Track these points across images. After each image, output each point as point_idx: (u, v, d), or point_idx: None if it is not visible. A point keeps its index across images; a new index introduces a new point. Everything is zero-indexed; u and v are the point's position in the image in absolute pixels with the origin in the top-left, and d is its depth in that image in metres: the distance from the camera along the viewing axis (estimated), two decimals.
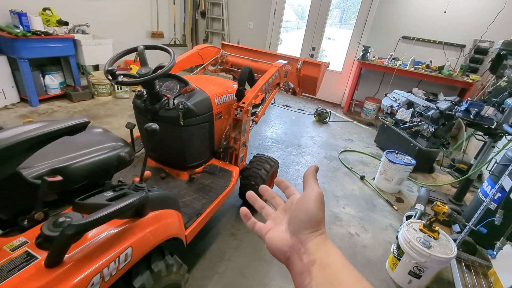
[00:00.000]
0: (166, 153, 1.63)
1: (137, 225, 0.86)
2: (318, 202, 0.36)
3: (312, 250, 0.34)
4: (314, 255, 0.33)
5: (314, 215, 0.36)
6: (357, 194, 2.60)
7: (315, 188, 0.38)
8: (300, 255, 0.34)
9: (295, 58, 2.65)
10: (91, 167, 0.87)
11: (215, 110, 1.60)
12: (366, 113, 4.78)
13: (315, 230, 0.35)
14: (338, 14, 8.74)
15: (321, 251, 0.33)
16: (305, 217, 0.36)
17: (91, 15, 4.13)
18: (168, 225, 0.99)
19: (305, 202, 0.37)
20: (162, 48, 1.37)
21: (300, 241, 0.35)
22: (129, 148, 1.05)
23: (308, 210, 0.36)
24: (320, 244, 0.34)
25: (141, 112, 1.48)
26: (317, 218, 0.36)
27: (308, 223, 0.36)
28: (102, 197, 0.84)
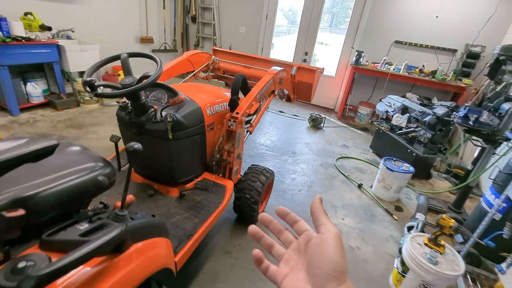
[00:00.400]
0: (154, 169, 1.51)
1: (118, 261, 0.74)
2: (339, 248, 0.33)
3: None
4: None
5: (337, 265, 0.32)
6: (356, 204, 2.52)
7: (331, 229, 0.34)
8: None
9: (289, 64, 2.57)
10: (62, 194, 0.75)
11: (207, 121, 1.49)
12: (360, 118, 4.74)
13: (340, 283, 0.31)
14: (328, 19, 8.82)
15: None
16: (328, 268, 0.32)
17: (77, 20, 3.98)
18: (154, 256, 0.87)
19: (324, 249, 0.33)
20: (148, 56, 1.26)
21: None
22: (110, 169, 0.93)
23: (330, 259, 0.32)
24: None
25: (125, 125, 1.36)
26: (341, 267, 0.32)
27: (333, 275, 0.31)
28: (75, 230, 0.71)
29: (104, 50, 4.40)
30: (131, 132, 1.33)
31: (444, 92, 4.31)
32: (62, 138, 2.86)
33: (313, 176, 2.88)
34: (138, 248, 0.80)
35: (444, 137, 2.88)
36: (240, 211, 1.92)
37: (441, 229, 1.55)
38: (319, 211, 0.37)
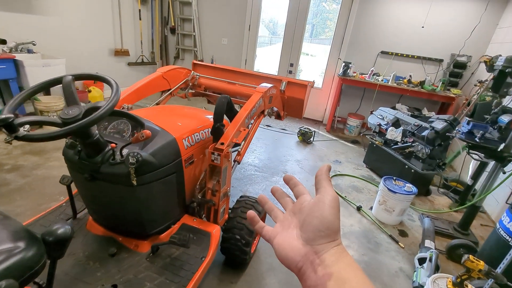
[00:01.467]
0: (117, 219, 1.18)
1: None
2: (334, 208, 0.34)
3: (329, 262, 0.31)
4: (330, 268, 0.30)
5: (330, 223, 0.33)
6: (357, 231, 2.27)
7: (330, 191, 0.35)
8: (315, 266, 0.32)
9: (278, 78, 2.33)
10: None
11: (185, 155, 1.20)
12: (349, 130, 4.58)
13: (331, 240, 0.33)
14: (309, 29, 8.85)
15: (338, 264, 0.31)
16: (321, 225, 0.33)
17: (40, 32, 3.59)
18: None
19: (320, 208, 0.34)
20: (99, 78, 0.96)
21: (314, 251, 0.33)
22: (35, 249, 0.61)
23: (324, 217, 0.33)
24: (338, 257, 0.32)
25: (75, 168, 1.04)
26: (334, 226, 0.33)
27: (324, 231, 0.33)
28: None
29: (73, 64, 4.02)
30: (82, 176, 1.01)
31: (432, 102, 4.23)
32: (17, 168, 2.45)
33: None
34: None
35: (443, 152, 2.72)
36: (230, 254, 1.61)
37: (468, 272, 1.32)
38: (323, 176, 0.37)
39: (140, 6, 4.99)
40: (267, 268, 1.77)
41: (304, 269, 0.32)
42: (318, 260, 0.32)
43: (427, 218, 2.38)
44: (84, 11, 4.10)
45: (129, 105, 1.52)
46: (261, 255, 1.86)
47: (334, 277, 0.29)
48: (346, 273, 0.30)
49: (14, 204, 2.01)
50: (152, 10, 5.31)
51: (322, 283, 0.30)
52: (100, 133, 1.01)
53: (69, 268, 1.05)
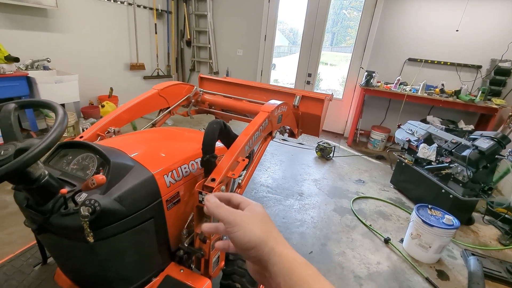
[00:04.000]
0: (82, 276, 0.97)
1: None
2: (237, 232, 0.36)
3: (273, 273, 0.34)
4: (277, 279, 0.34)
5: (247, 246, 0.36)
6: (386, 271, 1.91)
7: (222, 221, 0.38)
8: (269, 280, 0.36)
9: (290, 92, 2.07)
10: None
11: (166, 194, 0.97)
12: (373, 144, 4.19)
13: (260, 253, 0.35)
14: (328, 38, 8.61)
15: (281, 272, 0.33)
16: (242, 252, 0.37)
17: (55, 49, 3.62)
18: None
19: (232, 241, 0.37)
20: (44, 104, 0.77)
21: (262, 267, 0.36)
22: None
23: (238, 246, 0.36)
24: (278, 264, 0.34)
25: (26, 216, 0.84)
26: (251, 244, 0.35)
27: (249, 254, 0.36)
28: None
29: (88, 80, 4.03)
30: (33, 228, 0.81)
31: (468, 113, 3.77)
32: None
33: (326, 227, 2.30)
34: None
35: (489, 175, 2.30)
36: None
37: None
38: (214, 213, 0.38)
39: (156, 20, 4.99)
40: None
41: (265, 284, 0.38)
42: (267, 274, 0.36)
43: (472, 258, 1.97)
44: (100, 27, 4.12)
45: (116, 128, 1.33)
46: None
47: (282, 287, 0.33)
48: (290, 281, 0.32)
49: (7, 231, 1.89)
50: (168, 23, 5.30)
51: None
52: (53, 170, 0.81)
53: None
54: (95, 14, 4.00)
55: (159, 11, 5.00)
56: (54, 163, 0.92)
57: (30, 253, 1.16)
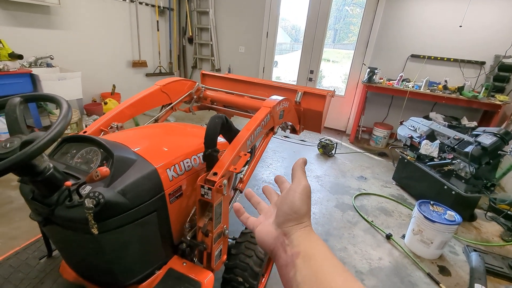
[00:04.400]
0: (86, 267, 0.99)
1: None
2: (304, 195, 0.38)
3: (296, 242, 0.35)
4: (298, 247, 0.34)
5: (298, 208, 0.37)
6: (387, 266, 1.92)
7: (302, 181, 0.40)
8: (285, 247, 0.36)
9: (292, 88, 2.08)
10: None
11: (169, 188, 0.98)
12: (376, 141, 4.18)
13: (298, 222, 0.37)
14: (331, 35, 8.56)
15: (305, 243, 0.34)
16: (289, 210, 0.37)
17: (58, 46, 3.63)
18: None
19: (290, 195, 0.38)
20: (48, 98, 0.78)
21: (284, 233, 0.37)
22: None
23: (292, 203, 0.38)
24: (304, 237, 0.35)
25: (32, 208, 0.86)
26: (301, 211, 0.37)
27: (292, 215, 0.37)
28: None
29: (90, 77, 4.05)
30: (38, 220, 0.82)
31: (472, 110, 3.74)
32: None
33: (328, 224, 2.31)
34: None
35: (491, 172, 2.30)
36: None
37: None
38: (297, 169, 0.42)
39: (158, 17, 4.99)
40: None
41: (276, 250, 0.37)
42: (287, 241, 0.36)
43: (474, 253, 1.97)
44: (102, 24, 4.13)
45: (119, 123, 1.34)
46: None
47: (302, 255, 0.33)
48: (311, 250, 0.33)
49: (12, 226, 1.91)
50: (170, 21, 5.30)
51: (291, 261, 0.33)
52: (57, 163, 0.82)
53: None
54: (97, 11, 4.01)
55: (161, 8, 5.00)
56: (58, 157, 0.93)
57: (35, 246, 1.18)
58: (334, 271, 0.30)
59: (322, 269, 0.31)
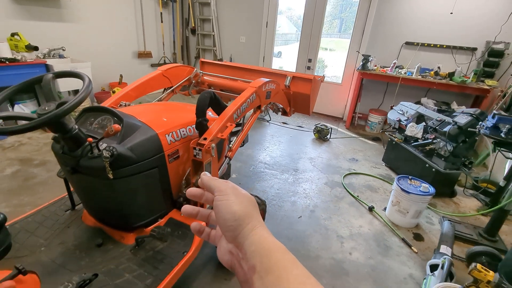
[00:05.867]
0: (103, 211, 1.24)
1: None
2: (229, 200, 0.35)
3: (250, 253, 0.32)
4: (252, 260, 0.31)
5: (232, 214, 0.34)
6: (366, 232, 2.15)
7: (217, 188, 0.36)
8: (240, 262, 0.33)
9: (283, 73, 2.28)
10: None
11: (167, 150, 1.21)
12: (371, 126, 4.36)
13: (244, 227, 0.33)
14: (337, 25, 8.54)
15: (260, 252, 0.31)
16: (226, 224, 0.34)
17: (69, 38, 3.88)
18: None
19: (217, 210, 0.35)
20: (74, 74, 1.01)
21: (237, 245, 0.34)
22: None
23: (223, 215, 0.34)
24: (257, 244, 0.32)
25: (60, 161, 1.10)
26: (238, 214, 0.34)
27: (233, 225, 0.34)
28: None
29: (99, 67, 4.29)
30: (67, 169, 1.07)
31: (464, 95, 3.87)
32: (44, 163, 2.67)
33: (316, 198, 2.54)
34: None
35: (469, 149, 2.47)
36: None
37: (475, 283, 1.18)
38: (205, 182, 0.38)
39: (161, 9, 5.18)
40: None
41: (233, 267, 0.34)
42: (241, 254, 0.33)
43: (446, 221, 2.18)
44: (109, 17, 4.35)
45: (126, 102, 1.58)
46: None
47: (257, 269, 0.30)
48: (268, 261, 0.30)
49: (37, 196, 2.19)
50: (173, 12, 5.49)
51: (249, 278, 0.31)
52: (80, 127, 1.05)
53: (57, 255, 1.11)
54: (104, 4, 4.22)
55: (164, 0, 5.18)
56: (80, 124, 1.17)
57: (61, 202, 1.45)
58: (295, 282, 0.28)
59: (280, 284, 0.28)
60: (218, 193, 0.36)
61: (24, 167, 2.57)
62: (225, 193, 0.35)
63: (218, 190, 0.36)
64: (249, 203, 0.36)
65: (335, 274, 1.75)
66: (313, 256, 1.87)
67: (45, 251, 1.15)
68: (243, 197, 0.36)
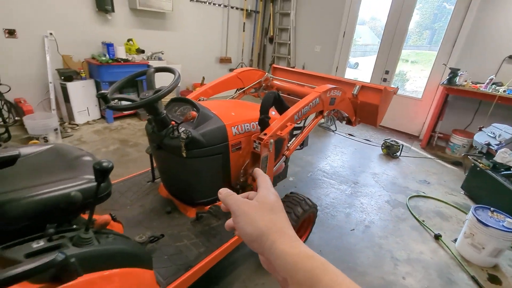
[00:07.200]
0: (174, 185, 1.48)
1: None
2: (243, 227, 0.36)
3: (278, 267, 0.32)
4: (282, 273, 0.31)
5: (247, 238, 0.35)
6: (427, 260, 1.95)
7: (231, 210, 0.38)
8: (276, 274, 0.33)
9: (351, 82, 2.26)
10: (30, 207, 0.74)
11: (232, 140, 1.39)
12: (452, 149, 3.85)
13: (261, 247, 0.34)
14: (427, 36, 7.74)
15: (285, 267, 0.31)
16: (245, 243, 0.36)
17: (167, 44, 4.59)
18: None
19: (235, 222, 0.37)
20: (169, 70, 1.26)
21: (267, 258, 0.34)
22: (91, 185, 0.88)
23: (240, 236, 0.36)
24: (281, 259, 0.31)
25: (150, 139, 1.38)
26: (251, 238, 0.34)
27: (250, 246, 0.35)
28: (26, 248, 0.68)
29: (186, 69, 4.93)
30: (153, 146, 1.34)
31: None
32: (136, 144, 3.23)
33: (374, 214, 2.41)
34: (90, 280, 0.72)
35: None
36: None
37: None
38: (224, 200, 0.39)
39: (245, 19, 5.64)
40: None
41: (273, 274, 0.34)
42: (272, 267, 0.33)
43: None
44: (200, 26, 4.98)
45: (204, 98, 1.84)
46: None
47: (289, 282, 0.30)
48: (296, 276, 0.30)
49: (127, 171, 2.69)
50: (255, 22, 5.90)
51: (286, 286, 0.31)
52: (167, 113, 1.31)
53: (137, 214, 1.40)
54: (198, 15, 4.86)
55: (248, 11, 5.63)
56: (167, 110, 1.44)
57: (144, 175, 1.77)
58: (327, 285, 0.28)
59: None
60: (232, 215, 0.37)
61: (122, 146, 3.17)
62: (236, 215, 0.36)
63: (232, 211, 0.37)
64: (268, 214, 0.35)
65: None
66: (360, 270, 1.81)
67: (129, 209, 1.45)
68: (261, 210, 0.35)
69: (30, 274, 0.59)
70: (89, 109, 3.78)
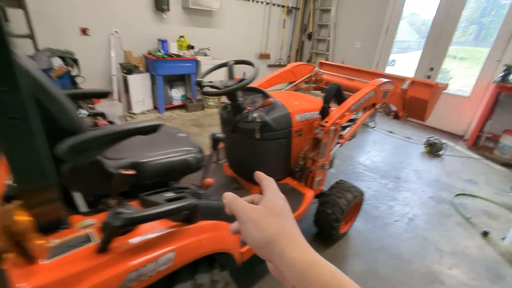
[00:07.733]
0: (241, 165, 1.67)
1: (185, 231, 0.88)
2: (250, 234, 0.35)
3: (286, 275, 0.31)
4: (291, 281, 0.31)
5: (254, 246, 0.34)
6: (474, 254, 1.98)
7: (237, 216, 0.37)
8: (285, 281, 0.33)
9: (401, 77, 2.32)
10: (161, 167, 0.96)
11: (295, 127, 1.55)
12: (502, 150, 3.68)
13: (269, 254, 0.33)
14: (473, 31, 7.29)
15: (293, 276, 0.31)
16: (251, 245, 0.35)
17: (213, 41, 4.85)
18: (218, 237, 0.98)
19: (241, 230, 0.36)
20: (248, 62, 1.45)
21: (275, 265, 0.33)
22: (199, 154, 1.11)
23: (248, 243, 0.35)
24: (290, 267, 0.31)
25: (224, 123, 1.59)
26: (259, 245, 0.34)
27: (258, 254, 0.34)
28: (162, 196, 0.90)
29: None
30: (227, 129, 1.54)
31: None
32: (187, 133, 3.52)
33: (418, 208, 2.45)
34: (205, 225, 0.93)
35: None
36: (320, 226, 1.86)
37: None
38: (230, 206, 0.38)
39: (285, 16, 5.75)
40: (352, 252, 1.89)
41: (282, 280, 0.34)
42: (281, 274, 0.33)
43: None
44: (243, 23, 5.19)
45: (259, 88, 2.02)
46: (352, 240, 1.99)
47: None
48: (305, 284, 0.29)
49: None
50: (295, 19, 5.99)
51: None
52: (243, 100, 1.49)
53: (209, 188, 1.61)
54: (242, 13, 5.07)
55: (289, 8, 5.73)
56: None
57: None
58: None
59: None
60: (238, 221, 0.36)
61: None
62: (243, 221, 0.35)
63: (238, 217, 0.36)
64: (275, 219, 0.34)
65: (428, 281, 1.73)
66: (405, 258, 1.89)
67: None
68: (268, 215, 0.35)
69: (174, 211, 0.80)
70: (144, 100, 4.15)
